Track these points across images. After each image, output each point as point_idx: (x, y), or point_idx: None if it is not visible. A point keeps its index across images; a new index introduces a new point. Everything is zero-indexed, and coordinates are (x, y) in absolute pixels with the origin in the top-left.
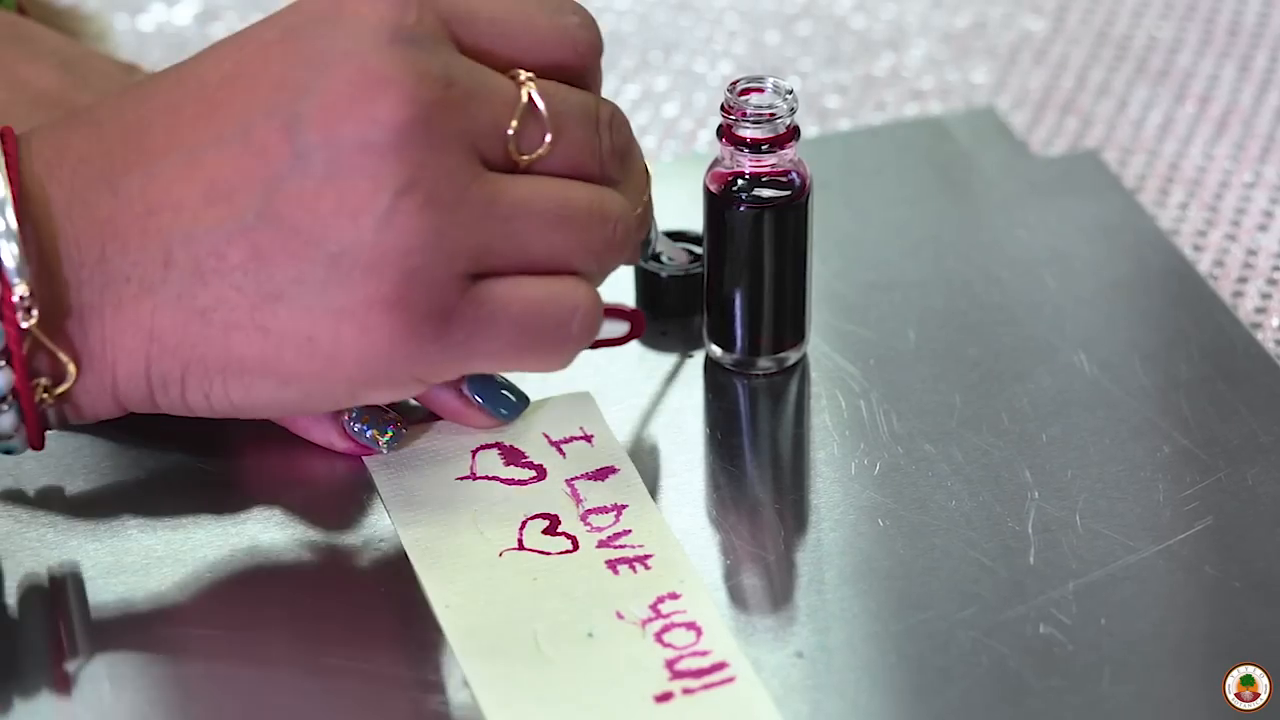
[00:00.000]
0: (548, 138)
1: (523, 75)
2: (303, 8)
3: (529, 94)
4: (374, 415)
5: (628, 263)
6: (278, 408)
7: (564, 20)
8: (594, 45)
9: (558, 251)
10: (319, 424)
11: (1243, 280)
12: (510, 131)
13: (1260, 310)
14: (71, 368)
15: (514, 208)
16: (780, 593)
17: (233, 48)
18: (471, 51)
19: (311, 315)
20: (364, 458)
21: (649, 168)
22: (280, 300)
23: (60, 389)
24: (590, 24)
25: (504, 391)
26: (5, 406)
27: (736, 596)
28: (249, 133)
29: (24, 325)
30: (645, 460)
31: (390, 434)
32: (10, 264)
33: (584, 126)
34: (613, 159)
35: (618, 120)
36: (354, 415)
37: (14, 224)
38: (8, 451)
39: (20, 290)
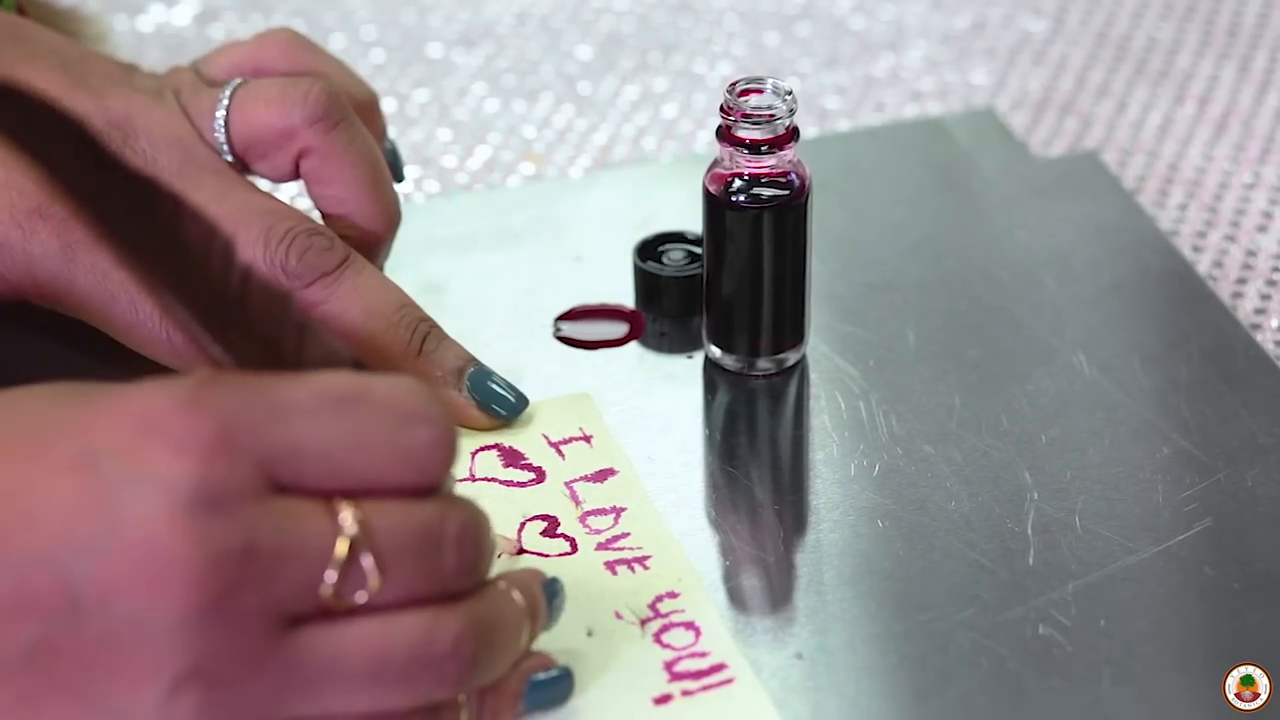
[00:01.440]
0: (373, 583)
1: (347, 519)
2: (105, 429)
3: (351, 541)
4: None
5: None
6: None
7: (409, 439)
8: (445, 460)
9: (370, 707)
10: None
11: (1242, 281)
12: (327, 585)
13: (1260, 311)
14: None
15: (319, 672)
16: (779, 594)
17: (21, 457)
18: (298, 489)
19: None
20: None
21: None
22: None
23: None
24: (441, 438)
25: (501, 391)
26: None
27: (736, 597)
28: (25, 571)
29: None
30: (644, 461)
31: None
32: None
33: (422, 555)
34: (460, 577)
35: (469, 533)
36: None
37: None
38: None
39: None
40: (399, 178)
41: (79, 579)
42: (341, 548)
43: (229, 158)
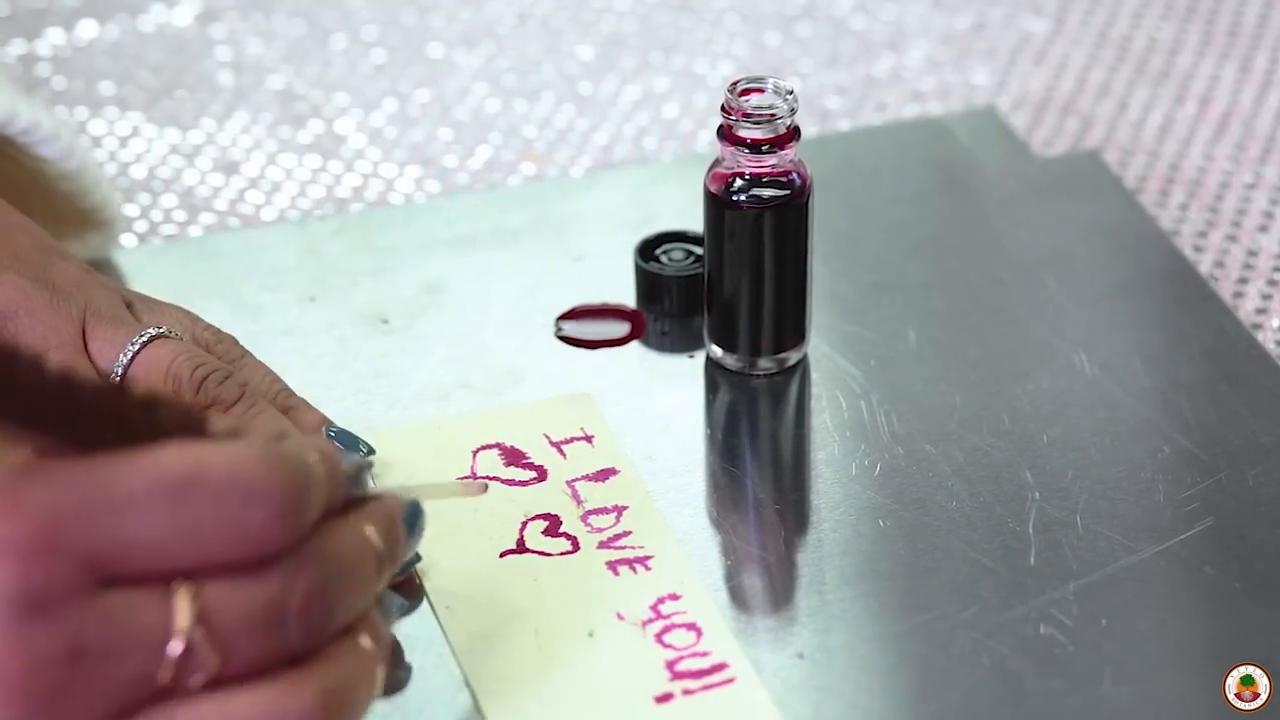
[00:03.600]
0: (213, 667)
1: (183, 605)
2: None
3: (184, 625)
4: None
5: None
6: None
7: (246, 520)
8: (282, 532)
9: None
10: None
11: (1243, 281)
12: (164, 672)
13: (1261, 311)
14: None
15: None
16: (781, 593)
17: None
18: (130, 579)
19: None
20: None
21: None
22: None
23: None
24: (279, 512)
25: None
26: None
27: (737, 597)
28: None
29: None
30: (646, 460)
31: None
32: None
33: (264, 631)
34: (306, 643)
35: (314, 601)
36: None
37: None
38: None
39: None
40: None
41: None
42: (177, 636)
43: None
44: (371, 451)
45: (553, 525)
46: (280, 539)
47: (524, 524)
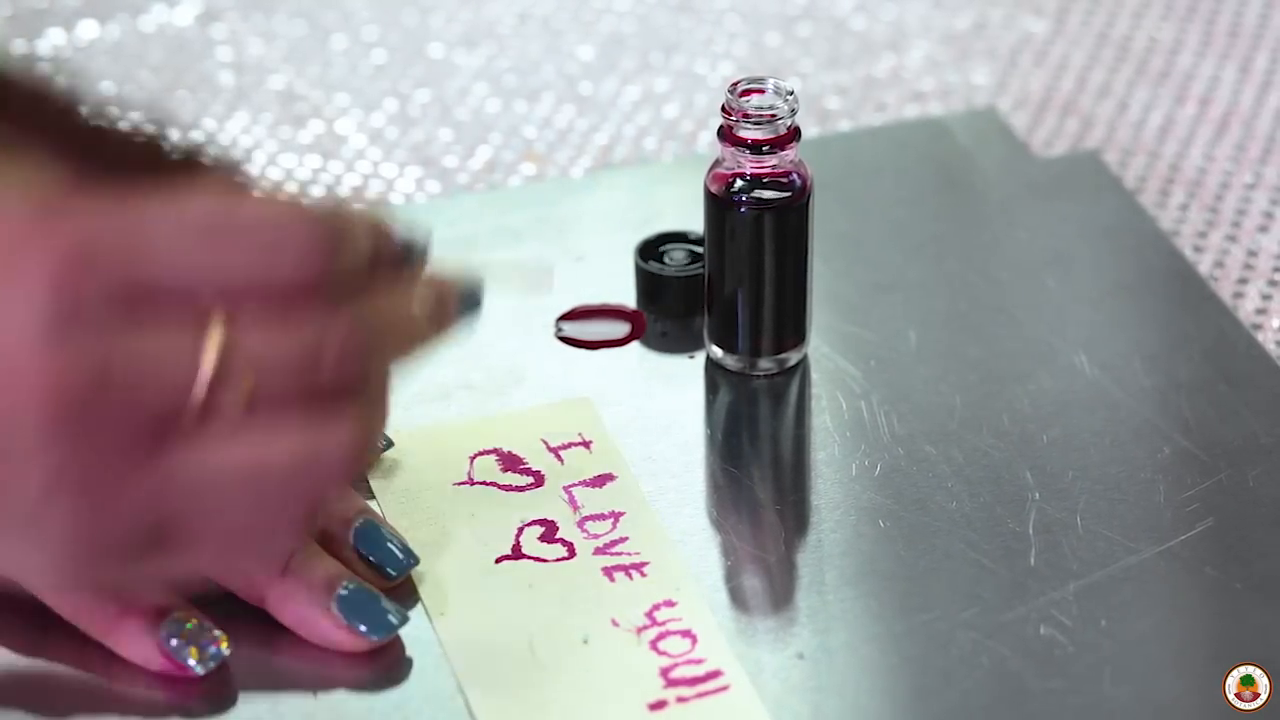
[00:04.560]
0: (241, 400)
1: (215, 337)
2: None
3: (215, 357)
4: (194, 633)
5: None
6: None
7: (276, 257)
8: (316, 277)
9: (251, 521)
10: (134, 641)
11: (1243, 281)
12: (193, 403)
13: (1261, 311)
14: None
15: (197, 482)
16: (781, 594)
17: None
18: (163, 294)
19: None
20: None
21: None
22: None
23: None
24: (313, 238)
25: (384, 612)
26: None
27: (737, 598)
28: None
29: None
30: (646, 461)
31: (211, 652)
32: None
33: (295, 372)
34: (340, 392)
35: (350, 349)
36: (171, 631)
37: None
38: None
39: None
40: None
41: None
42: (208, 367)
43: None
44: (390, 444)
45: (549, 531)
46: (310, 281)
47: (520, 529)
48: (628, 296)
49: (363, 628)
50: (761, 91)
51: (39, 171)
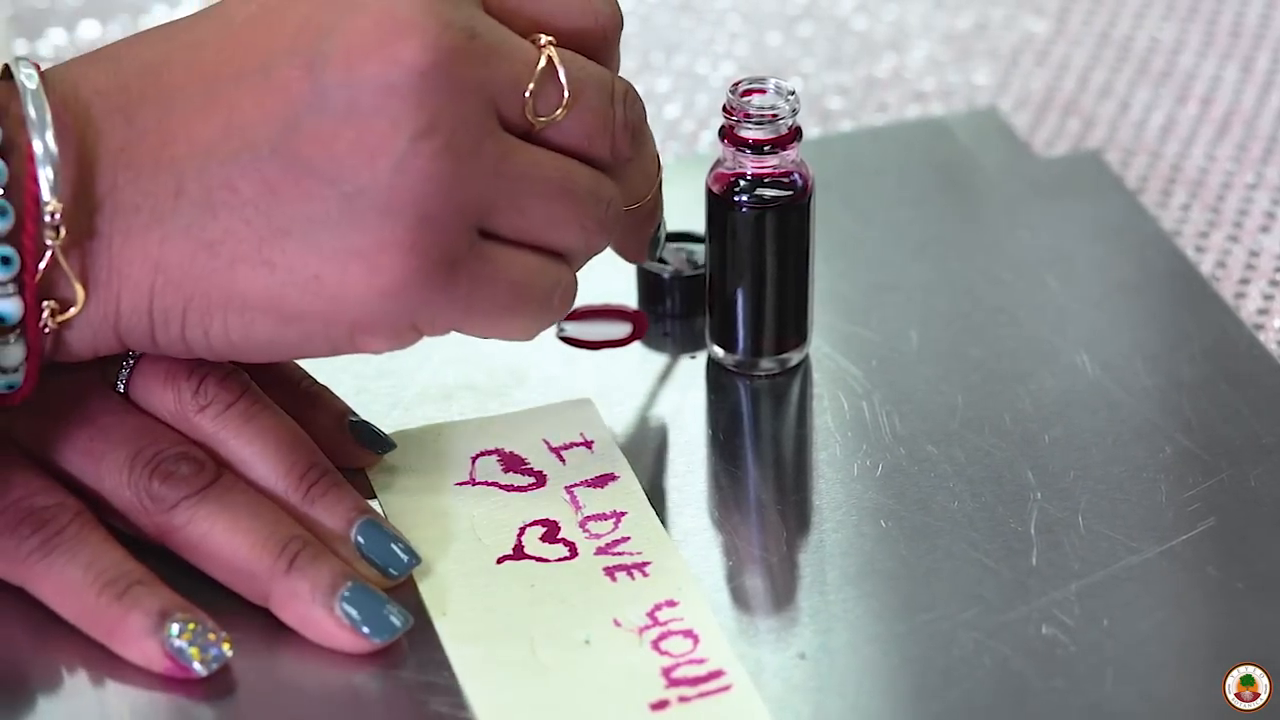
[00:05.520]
0: (564, 103)
1: (543, 39)
2: None
3: (548, 57)
4: (197, 634)
5: (633, 259)
6: (277, 349)
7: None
8: (614, 18)
9: (554, 222)
10: (137, 642)
11: (1245, 281)
12: (528, 92)
13: (1262, 311)
14: (80, 294)
15: (522, 170)
16: (783, 594)
17: None
18: (496, 12)
19: (320, 254)
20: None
21: (660, 159)
22: (289, 236)
23: (65, 315)
24: (611, 6)
25: (387, 614)
26: (13, 337)
27: (739, 598)
28: (270, 70)
29: (49, 243)
30: (647, 462)
31: (214, 653)
32: (46, 186)
33: (600, 98)
34: (624, 134)
35: (632, 97)
36: (174, 632)
37: (54, 147)
38: (9, 389)
39: (52, 207)
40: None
41: (323, 59)
42: (542, 59)
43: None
44: (393, 446)
45: (551, 531)
46: (612, 20)
47: (522, 530)
48: (629, 297)
49: (365, 630)
50: (763, 91)
51: None
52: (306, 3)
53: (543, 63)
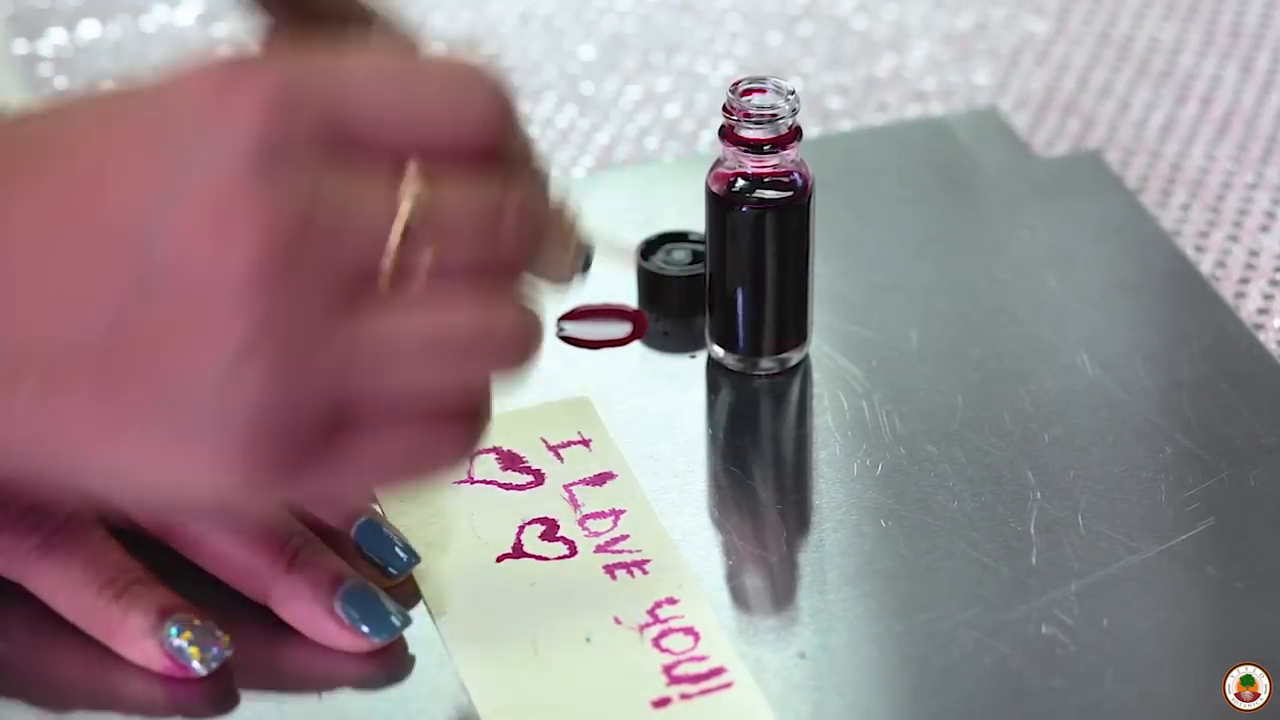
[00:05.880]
0: (435, 250)
1: (409, 187)
2: (174, 95)
3: (412, 206)
4: (196, 633)
5: (558, 286)
6: (145, 510)
7: (467, 101)
8: (502, 120)
9: (435, 389)
10: (137, 641)
11: (1245, 281)
12: (386, 256)
13: (1262, 311)
14: None
15: (380, 349)
16: (782, 593)
17: (99, 134)
18: (360, 145)
19: (160, 444)
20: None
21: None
22: (129, 423)
23: None
24: (496, 98)
25: (387, 614)
26: None
27: (739, 597)
28: (104, 243)
29: None
30: (647, 461)
31: (214, 652)
32: None
33: (483, 231)
34: (518, 254)
35: (528, 210)
36: (174, 631)
37: None
38: None
39: None
40: None
41: (153, 247)
42: (403, 213)
43: None
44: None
45: (550, 529)
46: (498, 125)
47: (521, 528)
48: (629, 296)
49: (365, 629)
50: (763, 91)
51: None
52: (144, 166)
53: (405, 213)
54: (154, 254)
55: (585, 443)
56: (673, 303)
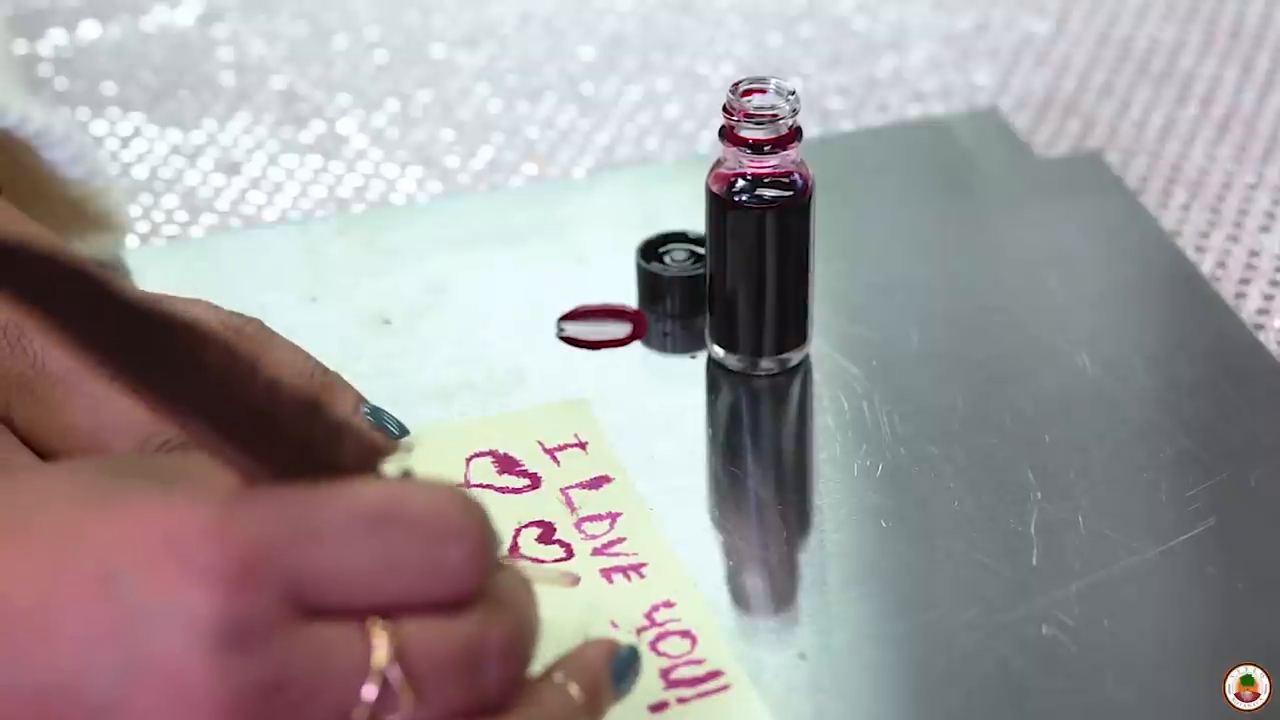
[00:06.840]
0: (408, 704)
1: (381, 641)
2: (127, 548)
3: (381, 667)
4: None
5: None
6: None
7: (443, 558)
8: (480, 567)
9: None
10: None
11: (1245, 281)
12: (361, 711)
13: (1262, 311)
14: None
15: None
16: (783, 594)
17: (42, 569)
18: (329, 611)
19: None
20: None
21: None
22: None
23: None
24: (475, 552)
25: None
26: None
27: (739, 598)
28: (48, 691)
29: None
30: (648, 462)
31: None
32: None
33: (463, 673)
34: (504, 690)
35: (513, 645)
36: None
37: None
38: None
39: None
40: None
41: (101, 706)
42: (375, 672)
43: None
44: (405, 432)
45: (546, 533)
46: (476, 578)
47: (517, 531)
48: (629, 297)
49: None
50: (763, 91)
51: (205, 458)
52: (88, 615)
53: (376, 673)
54: (104, 715)
55: (582, 445)
56: (673, 303)
